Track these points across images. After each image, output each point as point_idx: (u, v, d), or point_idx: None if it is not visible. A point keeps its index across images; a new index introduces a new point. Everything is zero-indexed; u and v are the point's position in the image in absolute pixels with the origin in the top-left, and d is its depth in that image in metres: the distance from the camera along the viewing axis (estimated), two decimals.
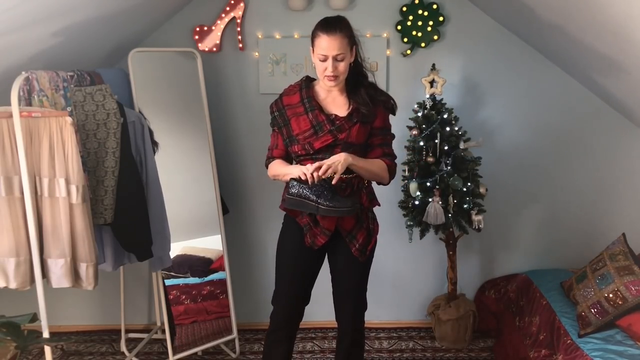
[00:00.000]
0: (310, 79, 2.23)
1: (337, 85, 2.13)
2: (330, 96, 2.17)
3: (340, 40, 2.03)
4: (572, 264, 3.24)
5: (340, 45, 2.03)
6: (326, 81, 2.09)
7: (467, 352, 3.12)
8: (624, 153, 3.22)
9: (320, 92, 2.18)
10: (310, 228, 2.16)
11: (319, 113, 2.11)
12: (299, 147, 2.12)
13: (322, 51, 2.04)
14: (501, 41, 3.14)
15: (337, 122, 2.10)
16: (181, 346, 2.90)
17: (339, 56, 2.04)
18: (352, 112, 2.12)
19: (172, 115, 2.98)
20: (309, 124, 2.11)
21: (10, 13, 1.87)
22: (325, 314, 2.63)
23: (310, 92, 2.15)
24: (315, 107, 2.12)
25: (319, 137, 2.09)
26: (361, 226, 2.19)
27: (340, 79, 2.10)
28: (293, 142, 2.14)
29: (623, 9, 1.96)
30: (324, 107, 2.15)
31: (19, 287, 2.22)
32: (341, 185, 2.10)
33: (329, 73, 2.06)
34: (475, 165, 2.88)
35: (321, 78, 2.11)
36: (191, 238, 3.04)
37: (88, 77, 2.50)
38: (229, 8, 3.08)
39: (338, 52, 2.03)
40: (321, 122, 2.10)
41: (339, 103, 2.15)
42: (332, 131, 2.09)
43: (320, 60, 2.06)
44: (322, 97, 2.17)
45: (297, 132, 2.12)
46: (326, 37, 2.03)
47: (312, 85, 2.20)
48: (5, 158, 2.16)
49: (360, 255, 2.19)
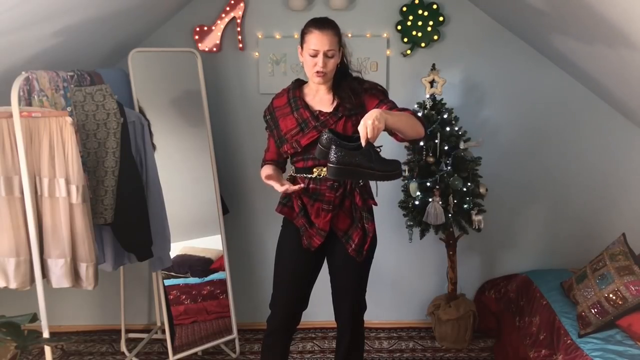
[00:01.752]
0: (300, 81, 2.26)
1: (325, 83, 2.15)
2: (317, 95, 2.19)
3: (332, 37, 2.07)
4: (572, 264, 3.24)
5: (332, 41, 2.07)
6: (315, 77, 2.11)
7: (467, 352, 3.12)
8: (624, 153, 3.22)
9: (309, 92, 2.21)
10: (306, 229, 2.16)
11: (303, 110, 2.13)
12: (288, 146, 2.15)
13: (313, 46, 2.07)
14: (501, 41, 3.14)
15: (321, 117, 2.12)
16: (181, 346, 2.90)
17: (330, 52, 2.07)
18: (337, 107, 2.13)
19: (172, 115, 2.98)
20: (294, 122, 2.14)
21: (10, 13, 1.87)
22: (325, 314, 2.63)
23: (297, 93, 2.19)
24: (300, 105, 2.15)
25: (305, 134, 2.11)
26: (356, 226, 2.18)
27: (329, 77, 2.13)
28: (283, 142, 2.17)
29: (624, 8, 1.96)
30: (312, 106, 2.17)
31: (19, 287, 2.22)
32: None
33: (319, 69, 2.08)
34: (475, 165, 2.88)
35: (310, 75, 2.13)
36: (191, 238, 3.05)
37: (88, 77, 2.50)
38: (229, 8, 3.08)
39: (329, 47, 2.06)
40: (306, 119, 2.12)
41: (325, 100, 2.18)
42: (317, 127, 2.10)
43: (311, 55, 2.08)
44: (310, 97, 2.20)
45: (285, 131, 2.15)
46: (318, 32, 2.07)
47: (301, 87, 2.23)
48: (5, 158, 2.16)
49: (357, 255, 2.18)
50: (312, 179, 2.14)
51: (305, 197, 2.16)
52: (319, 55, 2.07)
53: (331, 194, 2.12)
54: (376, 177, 1.85)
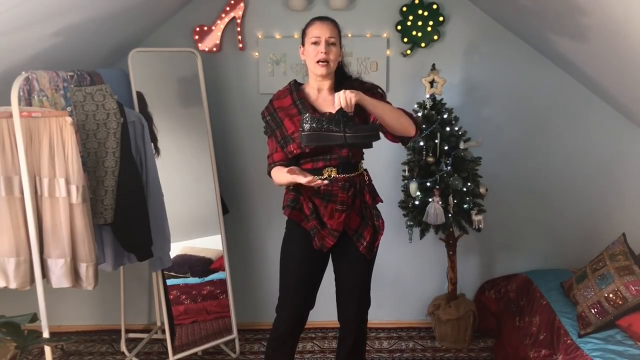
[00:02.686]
0: (298, 83, 2.26)
1: (327, 75, 2.14)
2: (320, 97, 2.19)
3: (333, 27, 2.12)
4: (572, 264, 3.24)
5: (333, 30, 2.10)
6: (318, 68, 2.11)
7: (467, 352, 3.12)
8: (624, 153, 3.22)
9: (311, 93, 2.20)
10: (318, 231, 2.15)
11: (313, 112, 2.11)
12: (294, 145, 2.13)
13: (315, 34, 2.09)
14: (501, 41, 3.14)
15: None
16: (181, 346, 2.90)
17: (331, 39, 2.09)
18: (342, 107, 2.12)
19: (172, 115, 2.98)
20: None
21: (10, 13, 1.87)
22: (325, 314, 2.63)
23: (301, 95, 2.18)
24: (308, 107, 2.14)
25: None
26: (367, 224, 2.19)
27: (331, 67, 2.13)
28: (288, 141, 2.15)
29: (624, 8, 1.96)
30: (316, 107, 2.17)
31: (19, 287, 2.22)
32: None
33: (321, 56, 2.08)
34: (475, 165, 2.88)
35: (312, 66, 2.13)
36: (191, 238, 3.05)
37: (88, 77, 2.50)
38: (229, 8, 3.08)
39: (330, 34, 2.09)
40: None
41: (329, 101, 2.17)
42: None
43: (313, 43, 2.10)
44: (313, 98, 2.19)
45: (293, 130, 2.14)
46: (319, 22, 2.11)
47: (301, 88, 2.23)
48: (5, 158, 2.16)
49: (368, 252, 2.20)
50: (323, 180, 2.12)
51: (317, 198, 2.15)
52: (321, 42, 2.08)
53: (343, 194, 2.12)
54: (347, 140, 1.88)
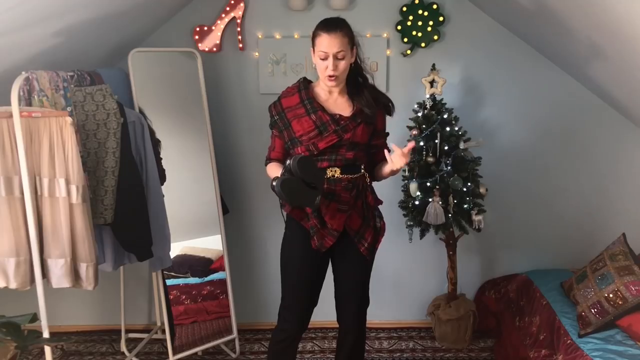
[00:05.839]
0: (307, 81, 2.23)
1: (338, 86, 2.13)
2: (331, 98, 2.17)
3: (341, 39, 2.04)
4: (572, 264, 3.24)
5: (341, 43, 2.03)
6: (327, 81, 2.09)
7: (467, 352, 3.12)
8: (624, 153, 3.22)
9: (321, 93, 2.17)
10: (318, 230, 2.15)
11: (322, 114, 2.10)
12: (303, 148, 2.11)
13: (322, 49, 2.04)
14: (501, 41, 3.14)
15: (341, 122, 2.10)
16: (181, 346, 2.90)
17: (340, 54, 2.04)
18: (356, 112, 2.12)
19: (172, 115, 2.98)
20: (312, 125, 2.10)
21: (10, 13, 1.87)
22: (325, 314, 2.63)
23: (310, 94, 2.15)
24: (317, 108, 2.11)
25: (323, 137, 2.09)
26: (368, 225, 2.19)
27: (341, 79, 2.10)
28: (295, 144, 2.13)
29: (625, 8, 1.96)
30: (326, 108, 2.14)
31: (19, 287, 2.22)
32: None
33: (329, 72, 2.05)
34: (475, 165, 2.87)
35: (322, 78, 2.10)
36: (191, 238, 3.05)
37: (88, 77, 2.50)
38: (229, 8, 3.08)
39: (338, 49, 2.03)
40: (325, 123, 2.09)
41: (341, 104, 2.16)
42: (337, 131, 2.09)
43: (321, 58, 2.06)
44: (323, 98, 2.16)
45: (301, 132, 2.11)
46: (327, 35, 2.03)
47: (310, 87, 2.19)
48: (5, 158, 2.16)
49: (369, 254, 2.21)
50: (326, 180, 2.11)
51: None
52: (329, 58, 2.04)
53: (346, 194, 2.12)
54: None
